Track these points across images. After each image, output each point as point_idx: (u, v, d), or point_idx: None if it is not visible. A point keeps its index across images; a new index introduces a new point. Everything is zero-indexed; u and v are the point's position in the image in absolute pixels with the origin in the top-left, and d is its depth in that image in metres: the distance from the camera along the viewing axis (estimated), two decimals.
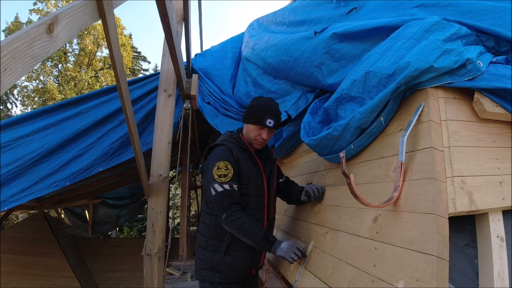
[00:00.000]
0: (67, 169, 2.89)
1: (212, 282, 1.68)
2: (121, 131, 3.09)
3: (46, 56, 0.83)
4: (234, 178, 1.61)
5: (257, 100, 1.81)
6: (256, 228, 1.56)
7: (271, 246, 1.57)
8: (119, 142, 3.08)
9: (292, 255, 1.53)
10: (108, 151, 3.04)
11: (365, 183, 1.38)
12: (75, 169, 2.91)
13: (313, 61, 1.89)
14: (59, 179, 2.84)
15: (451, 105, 1.19)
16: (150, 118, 3.19)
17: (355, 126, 1.38)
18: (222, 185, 1.58)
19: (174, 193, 5.17)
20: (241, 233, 1.57)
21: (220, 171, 1.59)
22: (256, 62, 2.67)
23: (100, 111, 3.08)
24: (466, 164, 1.10)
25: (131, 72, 18.61)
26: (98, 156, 3.00)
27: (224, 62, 3.44)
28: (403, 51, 1.23)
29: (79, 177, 2.91)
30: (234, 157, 1.65)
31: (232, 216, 1.56)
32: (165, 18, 1.74)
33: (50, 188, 2.80)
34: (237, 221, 1.55)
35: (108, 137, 3.08)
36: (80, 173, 2.92)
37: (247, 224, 1.55)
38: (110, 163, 3.04)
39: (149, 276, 2.46)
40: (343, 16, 1.89)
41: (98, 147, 3.03)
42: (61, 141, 2.89)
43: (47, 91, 14.53)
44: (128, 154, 3.11)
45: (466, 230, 1.14)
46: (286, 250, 1.54)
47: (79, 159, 2.95)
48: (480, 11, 1.36)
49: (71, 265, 5.92)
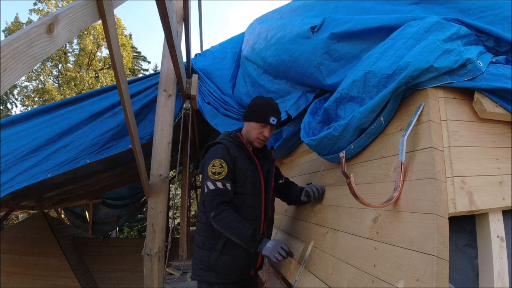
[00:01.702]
0: (50, 160, 2.71)
1: (209, 282, 1.68)
2: (113, 122, 2.92)
3: (46, 56, 0.83)
4: (228, 176, 1.61)
5: (259, 98, 1.83)
6: (243, 227, 1.56)
7: (257, 245, 1.56)
8: (110, 134, 2.91)
9: (275, 255, 1.51)
10: (98, 142, 2.85)
11: (365, 183, 1.38)
12: (59, 160, 2.73)
13: (313, 61, 1.89)
14: (41, 170, 2.67)
15: (451, 105, 1.19)
16: (145, 113, 3.10)
17: (355, 126, 1.38)
18: (214, 183, 1.59)
19: (174, 193, 5.16)
20: (228, 231, 1.57)
21: (215, 168, 1.61)
22: (256, 61, 2.67)
23: (95, 105, 2.96)
24: (466, 164, 1.10)
25: (131, 72, 18.60)
26: (86, 147, 2.80)
27: (224, 62, 3.44)
28: (403, 51, 1.23)
29: (62, 169, 2.73)
30: (231, 155, 1.66)
31: (220, 215, 1.57)
32: (165, 18, 1.74)
33: (31, 179, 2.64)
34: (224, 220, 1.56)
35: (99, 127, 2.90)
36: (64, 165, 2.73)
37: (235, 223, 1.56)
38: (98, 155, 2.86)
39: (149, 276, 2.46)
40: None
41: (87, 137, 2.83)
42: (53, 134, 2.76)
43: (46, 92, 14.52)
44: (118, 147, 2.93)
45: (466, 230, 1.14)
46: (271, 250, 1.53)
47: (65, 149, 2.77)
48: (479, 8, 1.36)
49: (71, 265, 5.93)
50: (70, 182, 4.85)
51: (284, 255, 1.53)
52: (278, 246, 1.54)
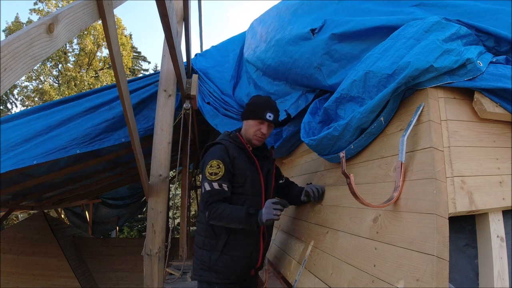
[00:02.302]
0: (39, 147, 2.64)
1: (210, 283, 1.68)
2: (108, 114, 2.89)
3: (46, 56, 0.83)
4: (225, 177, 1.62)
5: (256, 97, 1.85)
6: (236, 210, 1.57)
7: (256, 218, 1.56)
8: (104, 125, 2.86)
9: (274, 213, 1.52)
10: (91, 132, 2.79)
11: (365, 183, 1.38)
12: (47, 147, 2.65)
13: (313, 62, 1.89)
14: (27, 156, 2.59)
15: (451, 105, 1.19)
16: (141, 108, 3.09)
17: (355, 126, 1.38)
18: (211, 184, 1.61)
19: (174, 193, 5.16)
20: (225, 221, 1.59)
21: (212, 169, 1.62)
22: (255, 64, 2.68)
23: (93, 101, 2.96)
24: (466, 164, 1.10)
25: (131, 72, 18.60)
26: (78, 136, 2.74)
27: (224, 62, 3.44)
28: (403, 51, 1.22)
29: (51, 156, 2.65)
30: (230, 155, 1.66)
31: (212, 211, 1.59)
32: (165, 18, 1.74)
33: (15, 165, 2.54)
34: (217, 212, 1.58)
35: (93, 118, 2.86)
36: (53, 152, 2.66)
37: (227, 210, 1.57)
38: (90, 146, 2.80)
39: (149, 276, 2.46)
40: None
41: (80, 127, 2.78)
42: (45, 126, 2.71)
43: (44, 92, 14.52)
44: (111, 140, 2.88)
45: (466, 230, 1.14)
46: (267, 213, 1.54)
47: (56, 138, 2.71)
48: (478, 13, 1.36)
49: (71, 265, 5.93)
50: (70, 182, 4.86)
51: (280, 208, 1.54)
52: (269, 204, 1.56)
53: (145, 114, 3.16)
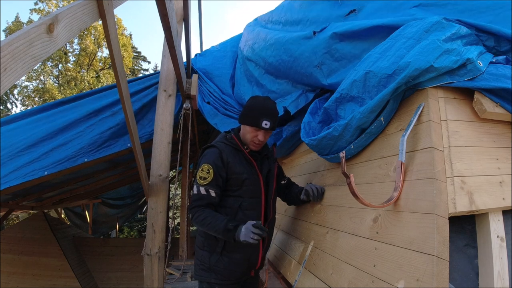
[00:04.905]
0: (48, 158, 2.69)
1: (210, 283, 1.68)
2: (113, 121, 2.93)
3: (46, 56, 0.83)
4: (213, 183, 1.61)
5: (253, 100, 1.74)
6: (217, 220, 1.55)
7: (233, 234, 1.52)
8: (110, 132, 2.91)
9: (251, 236, 1.48)
10: (97, 140, 2.85)
11: (365, 183, 1.38)
12: (56, 158, 2.71)
13: (313, 61, 1.89)
14: (37, 167, 2.64)
15: (451, 105, 1.19)
16: (144, 112, 3.10)
17: (355, 126, 1.38)
18: (199, 188, 1.62)
19: (174, 193, 5.17)
20: (205, 228, 1.59)
21: (202, 173, 1.62)
22: (257, 62, 2.67)
23: (94, 103, 2.96)
24: (466, 164, 1.10)
25: (131, 72, 18.60)
26: (85, 145, 2.80)
27: (224, 62, 3.44)
28: (403, 51, 1.22)
29: (60, 167, 2.71)
30: (224, 160, 1.64)
31: (194, 216, 1.60)
32: (165, 18, 1.74)
33: (27, 177, 2.61)
34: (199, 218, 1.58)
35: (98, 126, 2.90)
36: (62, 162, 2.72)
37: (208, 218, 1.57)
38: (97, 154, 2.86)
39: (149, 276, 2.46)
40: (341, 17, 1.88)
41: (86, 136, 2.83)
42: (49, 131, 2.74)
43: (46, 91, 14.53)
44: (117, 146, 2.93)
45: (466, 230, 1.14)
46: (245, 234, 1.49)
47: (63, 147, 2.76)
48: (478, 9, 1.36)
49: (71, 265, 5.92)
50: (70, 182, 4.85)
51: (258, 233, 1.48)
52: (250, 227, 1.50)
53: (150, 118, 3.13)
